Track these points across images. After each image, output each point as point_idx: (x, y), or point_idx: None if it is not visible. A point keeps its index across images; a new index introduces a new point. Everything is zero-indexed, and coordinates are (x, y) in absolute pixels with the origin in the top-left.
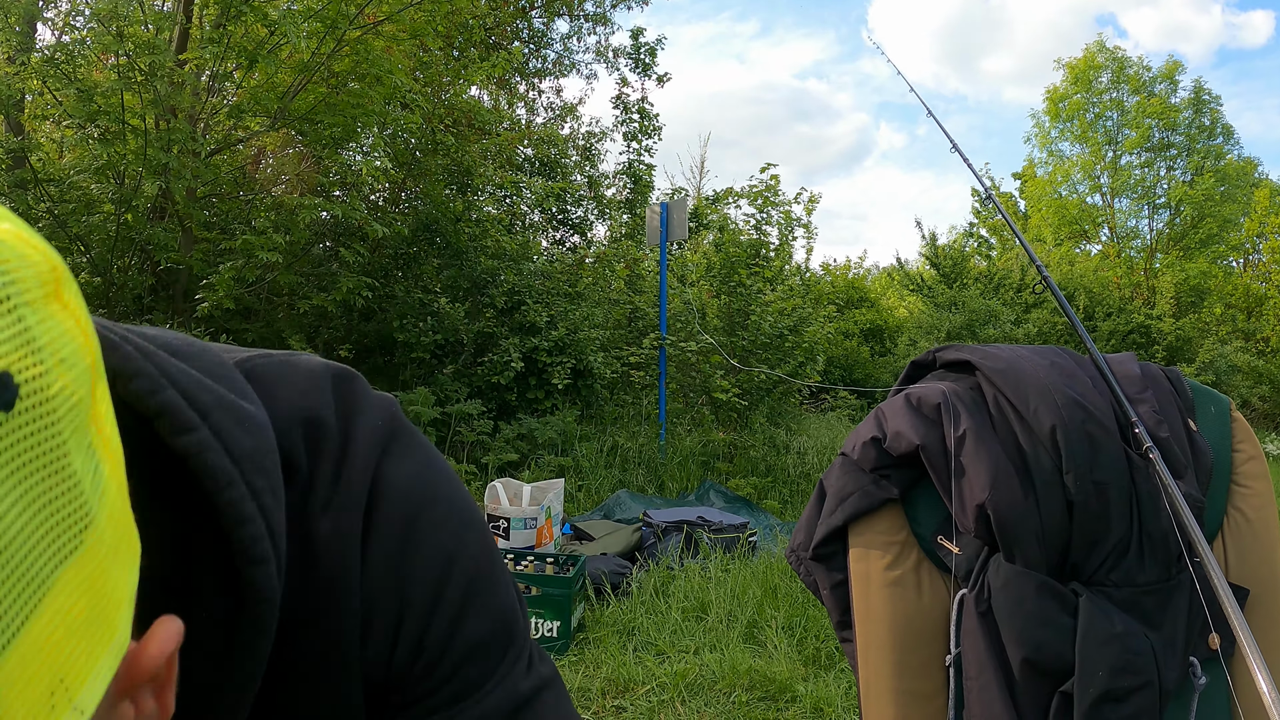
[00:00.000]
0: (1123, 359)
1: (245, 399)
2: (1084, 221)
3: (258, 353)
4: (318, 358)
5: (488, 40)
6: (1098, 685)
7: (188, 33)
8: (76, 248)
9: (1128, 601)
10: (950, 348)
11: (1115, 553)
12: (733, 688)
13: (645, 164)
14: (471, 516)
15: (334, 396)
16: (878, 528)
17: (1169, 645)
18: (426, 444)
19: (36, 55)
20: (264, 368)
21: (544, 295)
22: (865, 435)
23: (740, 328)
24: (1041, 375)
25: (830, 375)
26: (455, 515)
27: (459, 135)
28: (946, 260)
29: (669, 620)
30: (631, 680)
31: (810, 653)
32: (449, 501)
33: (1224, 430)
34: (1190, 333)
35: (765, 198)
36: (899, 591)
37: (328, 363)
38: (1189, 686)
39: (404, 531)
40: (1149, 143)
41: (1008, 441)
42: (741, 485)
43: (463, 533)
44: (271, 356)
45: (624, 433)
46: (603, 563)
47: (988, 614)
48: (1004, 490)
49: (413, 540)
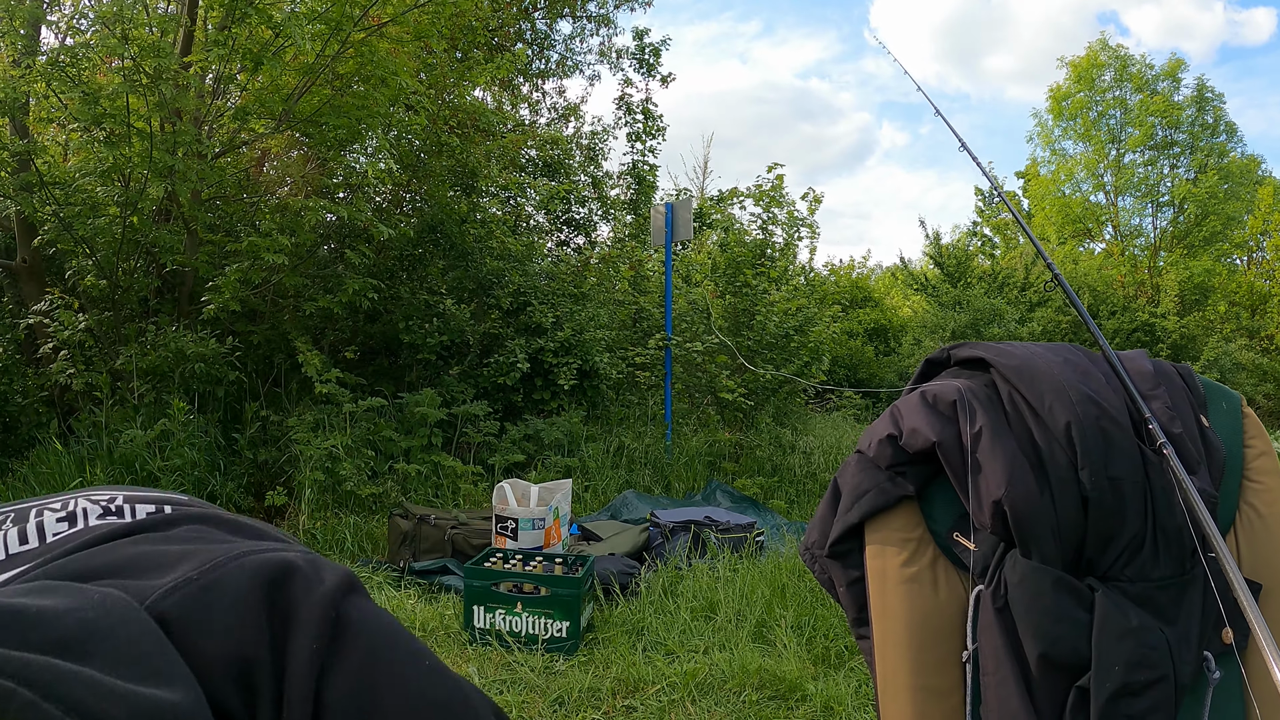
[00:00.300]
0: (1135, 355)
1: (165, 683)
2: (1088, 220)
3: (179, 580)
4: (249, 562)
5: (491, 42)
6: (1114, 680)
7: (192, 35)
8: (82, 250)
9: (1142, 596)
10: (965, 345)
11: (1130, 548)
12: (743, 687)
13: (649, 164)
14: (428, 706)
15: (266, 621)
16: (894, 525)
17: (1184, 640)
18: (378, 631)
19: (41, 58)
20: (179, 607)
21: (549, 296)
22: (881, 432)
23: (745, 328)
24: (1056, 372)
25: (835, 375)
26: (407, 715)
27: (463, 137)
28: (950, 259)
29: (678, 620)
30: (641, 680)
31: (820, 652)
32: (397, 704)
33: (1236, 426)
34: (1194, 331)
35: (771, 198)
36: (915, 588)
37: (258, 571)
38: (1203, 681)
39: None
40: (1152, 141)
41: (1023, 438)
42: (748, 485)
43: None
44: (190, 586)
45: (630, 433)
46: (611, 563)
47: (1004, 610)
48: (1020, 486)
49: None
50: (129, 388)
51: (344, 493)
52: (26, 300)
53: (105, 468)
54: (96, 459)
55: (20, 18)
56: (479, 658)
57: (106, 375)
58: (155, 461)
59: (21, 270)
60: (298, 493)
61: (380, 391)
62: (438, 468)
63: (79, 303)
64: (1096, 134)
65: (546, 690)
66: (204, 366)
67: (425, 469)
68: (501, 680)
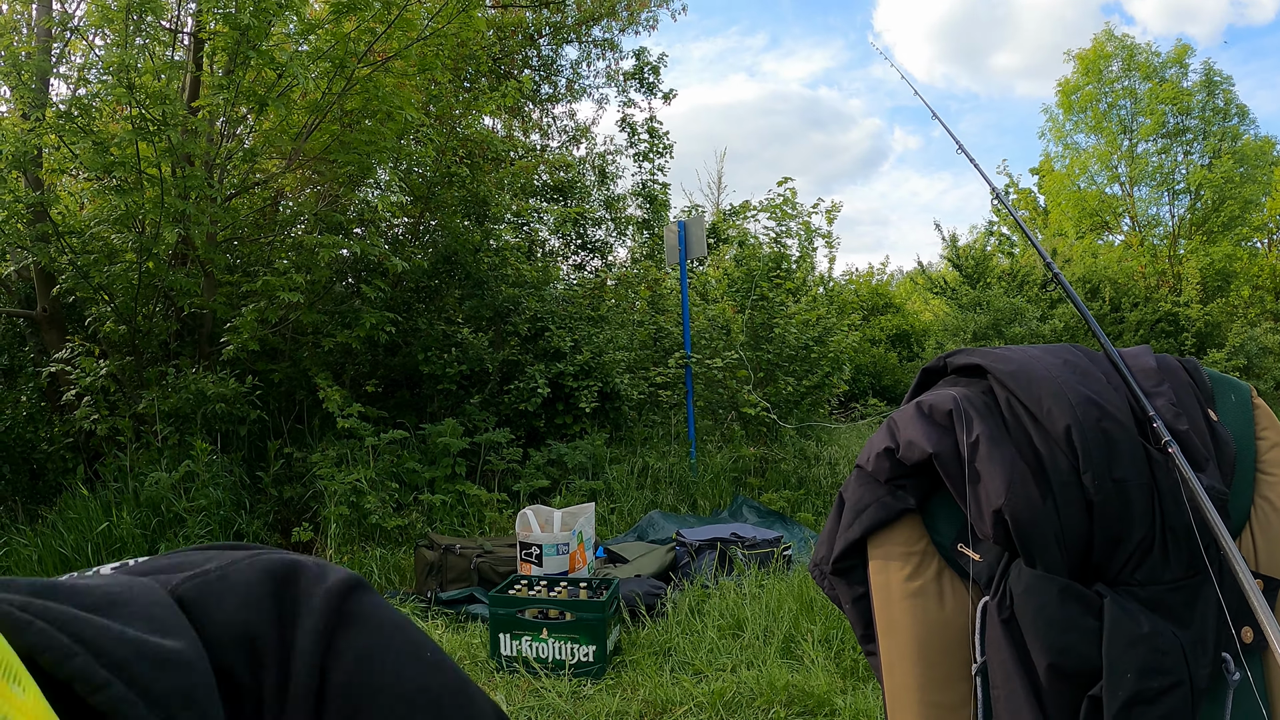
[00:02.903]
0: (1138, 352)
1: (171, 636)
2: (1104, 212)
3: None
4: (262, 559)
5: (497, 70)
6: (1127, 688)
7: (199, 80)
8: (100, 297)
9: (1154, 600)
10: (961, 352)
11: (1139, 551)
12: (771, 704)
13: (660, 183)
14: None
15: (273, 604)
16: (896, 539)
17: (1199, 643)
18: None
19: (51, 110)
20: (196, 590)
21: (567, 320)
22: (878, 446)
23: (765, 341)
24: (1054, 375)
25: (859, 383)
26: (403, 702)
27: (473, 166)
28: (968, 261)
29: (705, 639)
30: (669, 701)
31: (848, 665)
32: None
33: (1246, 418)
34: (1219, 317)
35: (783, 210)
36: (921, 602)
37: (269, 566)
38: (1222, 684)
39: None
40: (1164, 129)
41: (1022, 444)
42: (774, 499)
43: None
44: (207, 575)
45: (654, 453)
46: (637, 584)
47: (1010, 621)
48: (1020, 494)
49: None
50: (152, 431)
51: (369, 526)
52: (48, 348)
53: (131, 510)
54: (123, 502)
55: (28, 71)
56: (507, 685)
57: (129, 419)
58: (181, 503)
59: (42, 319)
60: (323, 528)
61: (403, 423)
62: (462, 497)
63: (100, 349)
64: (1108, 125)
65: (575, 715)
66: (225, 407)
67: (450, 499)
68: (530, 707)
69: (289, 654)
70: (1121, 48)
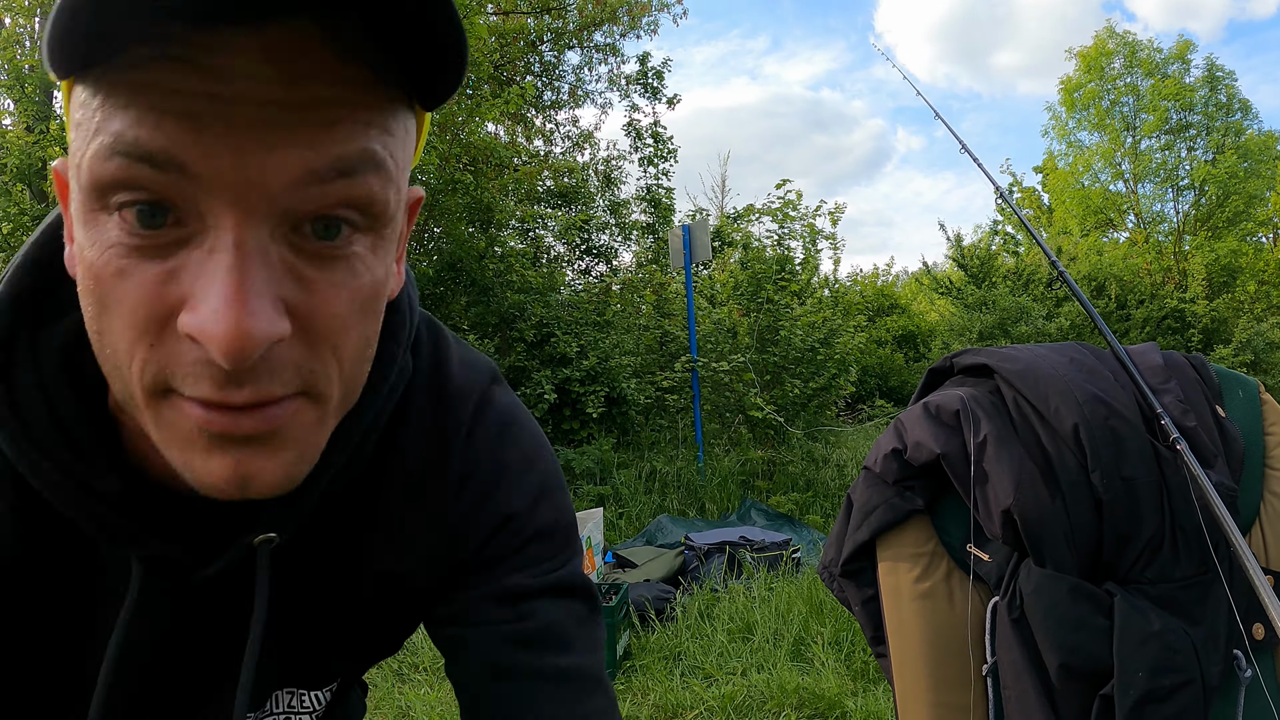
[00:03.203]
0: (1144, 350)
1: None
2: (1109, 210)
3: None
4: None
5: (499, 76)
6: (1138, 686)
7: None
8: None
9: (1164, 598)
10: (967, 352)
11: (1148, 549)
12: (782, 707)
13: (664, 188)
14: (545, 443)
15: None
16: (905, 540)
17: (1210, 640)
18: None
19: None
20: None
21: (573, 326)
22: (886, 448)
23: (771, 344)
24: (1061, 374)
25: (865, 384)
26: (536, 436)
27: (476, 173)
28: (973, 260)
29: (715, 643)
30: (680, 705)
31: (859, 667)
32: (532, 427)
33: (1254, 414)
34: (1225, 313)
35: (785, 213)
36: (930, 604)
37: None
38: (1234, 680)
39: (500, 430)
40: (1167, 125)
41: (1030, 444)
42: (783, 502)
43: (540, 449)
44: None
45: (661, 457)
46: (646, 589)
47: (1021, 620)
48: (1029, 493)
49: (507, 436)
50: None
51: None
52: None
53: None
54: None
55: (32, 84)
56: None
57: None
58: None
59: None
60: None
61: None
62: None
63: None
64: (1111, 123)
65: None
66: None
67: None
68: None
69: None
70: (1123, 45)
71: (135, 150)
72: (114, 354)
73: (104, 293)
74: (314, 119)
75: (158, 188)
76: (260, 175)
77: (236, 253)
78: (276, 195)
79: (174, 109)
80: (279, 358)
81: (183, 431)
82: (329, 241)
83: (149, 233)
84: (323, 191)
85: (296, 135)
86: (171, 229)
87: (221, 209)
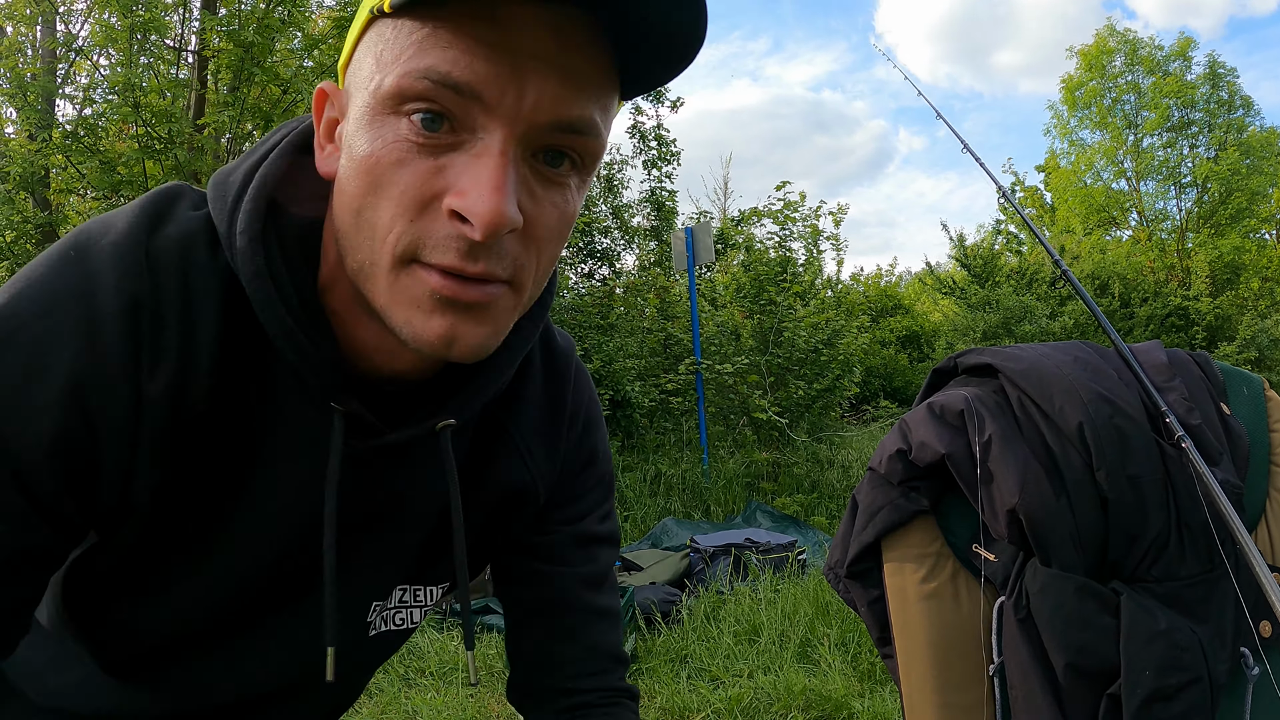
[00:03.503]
0: (1148, 347)
1: None
2: (1111, 208)
3: None
4: None
5: None
6: (1145, 685)
7: (204, 98)
8: None
9: (1171, 596)
10: (971, 352)
11: (1154, 547)
12: (789, 709)
13: (667, 190)
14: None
15: None
16: (910, 541)
17: (1217, 638)
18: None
19: (57, 130)
20: None
21: (577, 329)
22: (891, 448)
23: (774, 346)
24: (1065, 372)
25: (869, 385)
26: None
27: None
28: (976, 260)
29: (721, 645)
30: (686, 708)
31: (865, 668)
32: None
33: (1259, 411)
34: (1229, 310)
35: (788, 215)
36: (936, 604)
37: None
38: (1241, 678)
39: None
40: (1169, 122)
41: (1035, 443)
42: (788, 504)
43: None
44: None
45: (666, 460)
46: (652, 592)
47: (1027, 620)
48: (1034, 493)
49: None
50: None
51: None
52: None
53: None
54: None
55: (34, 92)
56: None
57: None
58: None
59: None
60: None
61: None
62: None
63: None
64: (1112, 121)
65: None
66: None
67: None
68: None
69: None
70: (1124, 43)
71: (446, 80)
72: (372, 228)
73: (379, 176)
74: (571, 83)
75: (449, 105)
76: (529, 111)
77: (501, 159)
78: (533, 127)
79: (482, 54)
80: (506, 247)
81: (414, 295)
82: (554, 169)
83: (429, 135)
84: (562, 136)
85: (559, 90)
86: (446, 135)
87: (495, 127)
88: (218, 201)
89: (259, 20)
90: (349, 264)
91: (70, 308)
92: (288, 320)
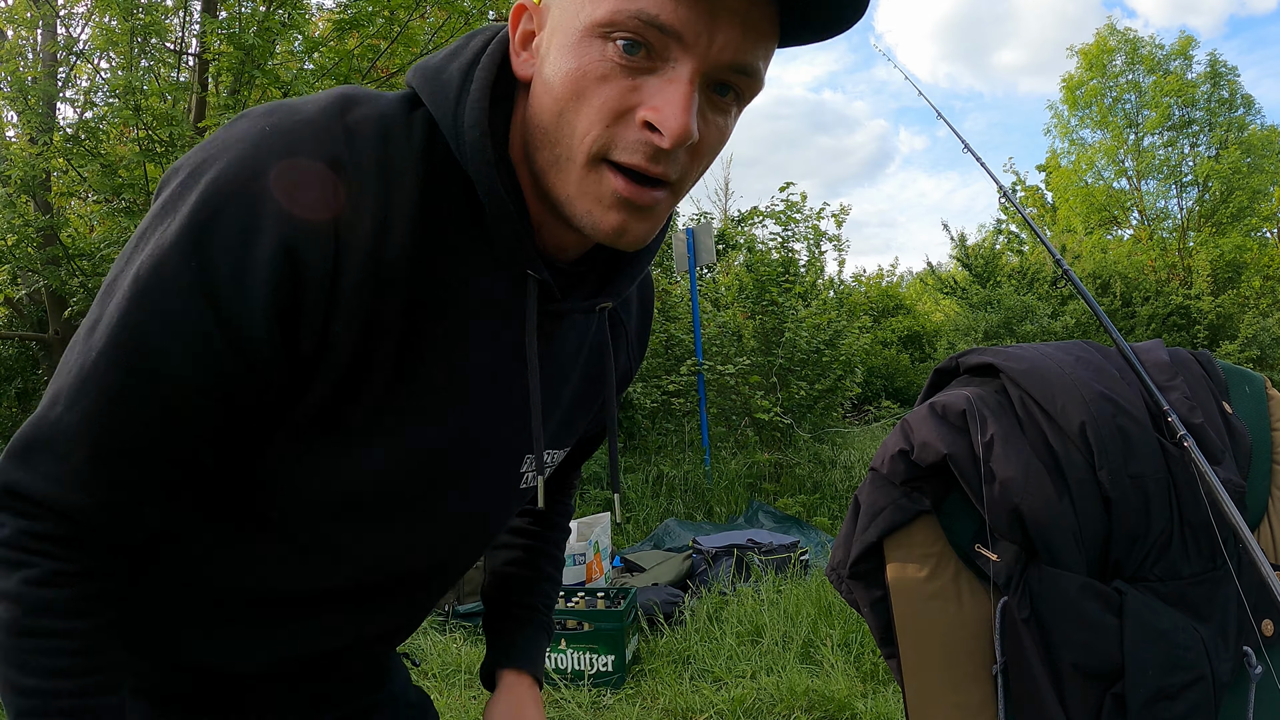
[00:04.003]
0: (1150, 347)
1: None
2: (1112, 207)
3: None
4: None
5: None
6: (1148, 684)
7: (205, 101)
8: None
9: (1174, 595)
10: (973, 352)
11: (1157, 546)
12: (792, 709)
13: None
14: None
15: None
16: (913, 541)
17: (1220, 636)
18: None
19: (58, 134)
20: None
21: None
22: (893, 448)
23: (776, 346)
24: (1067, 372)
25: (871, 385)
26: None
27: None
28: (977, 260)
29: (724, 646)
30: (689, 709)
31: (868, 668)
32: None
33: (1260, 410)
34: (1230, 309)
35: (789, 215)
36: (939, 604)
37: None
38: (1244, 677)
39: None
40: (1170, 121)
41: (1037, 443)
42: (790, 504)
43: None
44: None
45: (668, 461)
46: (655, 593)
47: (1030, 620)
48: (1036, 492)
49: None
50: None
51: None
52: None
53: None
54: None
55: (35, 95)
56: None
57: None
58: None
59: (55, 342)
60: None
61: None
62: None
63: None
64: (1113, 120)
65: None
66: None
67: None
68: (550, 718)
69: None
70: (1124, 41)
71: (654, 21)
72: (571, 129)
73: (584, 87)
74: (751, 33)
75: (650, 39)
76: (716, 52)
77: (689, 86)
78: (715, 66)
79: (687, 1)
80: (681, 156)
81: (598, 191)
82: (721, 97)
83: (628, 58)
84: (734, 75)
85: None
86: (642, 60)
87: (687, 59)
88: (438, 94)
89: (260, 23)
90: (541, 156)
91: (278, 169)
92: (508, 203)
